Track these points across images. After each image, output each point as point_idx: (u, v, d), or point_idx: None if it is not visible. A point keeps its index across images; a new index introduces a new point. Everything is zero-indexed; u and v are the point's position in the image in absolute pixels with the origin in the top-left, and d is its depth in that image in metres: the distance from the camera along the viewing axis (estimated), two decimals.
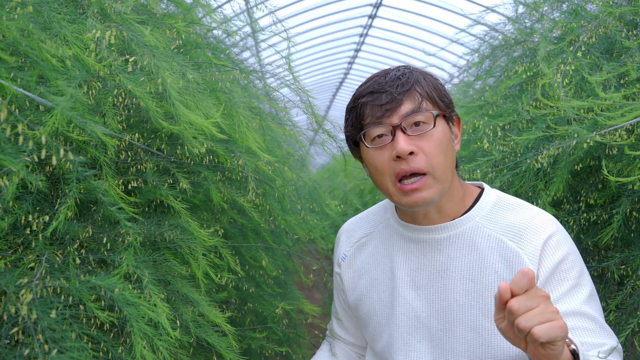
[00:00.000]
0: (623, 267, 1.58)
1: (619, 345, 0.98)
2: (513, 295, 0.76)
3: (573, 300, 0.98)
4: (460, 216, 1.07)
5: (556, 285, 0.99)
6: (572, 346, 0.86)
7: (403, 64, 1.09)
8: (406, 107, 1.00)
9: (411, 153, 0.99)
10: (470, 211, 1.07)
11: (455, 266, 1.05)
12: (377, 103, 1.02)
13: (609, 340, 0.96)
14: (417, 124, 1.00)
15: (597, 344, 0.95)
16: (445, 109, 1.04)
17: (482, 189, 1.13)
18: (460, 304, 1.03)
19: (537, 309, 0.75)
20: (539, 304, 0.75)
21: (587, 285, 1.00)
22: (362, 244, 1.21)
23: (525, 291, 0.76)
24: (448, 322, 1.04)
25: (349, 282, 1.22)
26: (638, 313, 1.39)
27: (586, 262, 1.69)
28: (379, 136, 1.02)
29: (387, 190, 1.04)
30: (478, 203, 1.08)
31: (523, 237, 1.01)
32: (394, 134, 1.00)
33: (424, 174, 0.99)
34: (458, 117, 1.10)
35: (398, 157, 0.99)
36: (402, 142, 0.98)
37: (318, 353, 1.34)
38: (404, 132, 0.99)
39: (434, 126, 1.00)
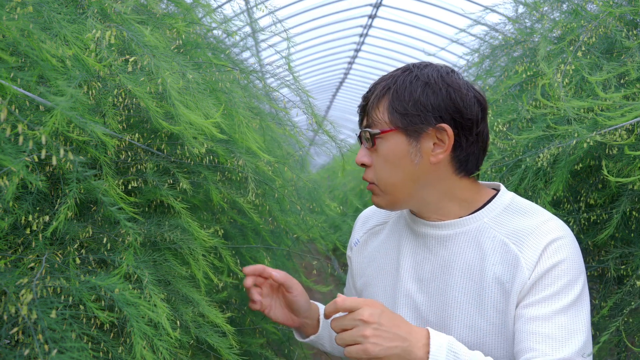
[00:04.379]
0: (623, 267, 1.58)
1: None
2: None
3: (547, 307, 0.95)
4: (469, 215, 1.07)
5: (540, 289, 0.97)
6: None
7: (411, 64, 1.10)
8: (365, 121, 1.09)
9: (364, 164, 1.08)
10: (479, 211, 1.07)
11: (458, 263, 1.05)
12: (357, 112, 1.12)
13: (570, 354, 0.92)
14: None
15: (550, 353, 0.92)
16: (403, 124, 1.02)
17: (499, 191, 1.12)
18: (459, 302, 1.04)
19: (350, 331, 0.88)
20: (354, 327, 0.88)
21: (571, 296, 0.96)
22: (376, 232, 1.24)
23: (350, 312, 0.89)
24: (445, 318, 1.05)
25: (358, 267, 1.25)
26: (624, 311, 1.39)
27: (586, 262, 1.68)
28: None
29: None
30: (489, 204, 1.08)
31: (525, 242, 1.00)
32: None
33: (373, 183, 1.09)
34: (451, 125, 1.02)
35: None
36: (359, 153, 1.09)
37: None
38: (365, 144, 1.08)
39: (373, 144, 1.05)
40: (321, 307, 1.25)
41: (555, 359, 0.92)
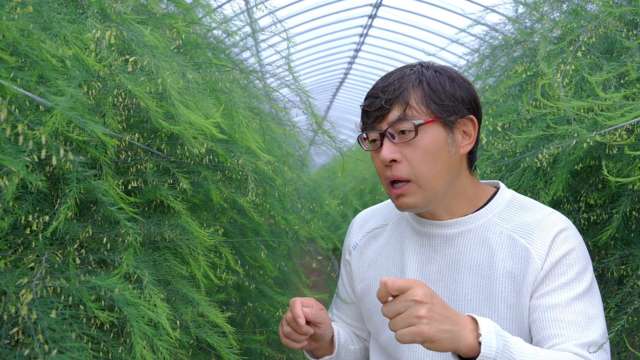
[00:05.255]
0: (623, 267, 1.58)
1: (605, 344, 0.98)
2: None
3: (564, 294, 0.98)
4: (473, 213, 1.08)
5: (555, 278, 1.00)
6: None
7: (418, 61, 1.09)
8: (393, 114, 1.03)
9: (394, 161, 1.02)
10: (483, 208, 1.09)
11: (466, 261, 1.06)
12: (370, 109, 1.05)
13: (595, 338, 0.95)
14: (403, 131, 1.02)
15: (576, 337, 0.94)
16: (442, 114, 1.02)
17: (498, 188, 1.14)
18: (469, 299, 1.04)
19: (402, 314, 0.82)
20: (406, 309, 0.82)
21: (585, 283, 1.00)
22: (375, 235, 1.23)
23: (396, 296, 0.83)
24: None
25: (358, 271, 1.23)
26: (628, 310, 1.39)
27: None
28: (373, 140, 1.07)
29: (385, 190, 1.08)
30: (492, 201, 1.09)
31: (533, 234, 1.03)
32: (382, 140, 1.03)
33: (408, 181, 1.03)
34: (475, 117, 1.07)
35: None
36: (385, 150, 1.02)
37: None
38: (391, 139, 1.02)
39: (416, 135, 1.01)
40: (335, 328, 1.22)
41: (583, 343, 0.93)
